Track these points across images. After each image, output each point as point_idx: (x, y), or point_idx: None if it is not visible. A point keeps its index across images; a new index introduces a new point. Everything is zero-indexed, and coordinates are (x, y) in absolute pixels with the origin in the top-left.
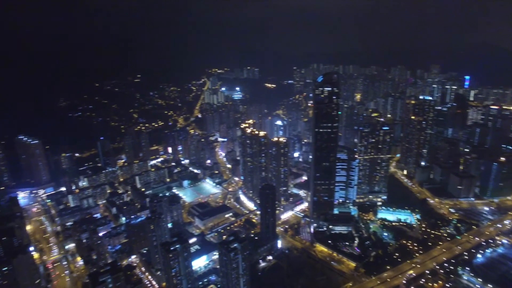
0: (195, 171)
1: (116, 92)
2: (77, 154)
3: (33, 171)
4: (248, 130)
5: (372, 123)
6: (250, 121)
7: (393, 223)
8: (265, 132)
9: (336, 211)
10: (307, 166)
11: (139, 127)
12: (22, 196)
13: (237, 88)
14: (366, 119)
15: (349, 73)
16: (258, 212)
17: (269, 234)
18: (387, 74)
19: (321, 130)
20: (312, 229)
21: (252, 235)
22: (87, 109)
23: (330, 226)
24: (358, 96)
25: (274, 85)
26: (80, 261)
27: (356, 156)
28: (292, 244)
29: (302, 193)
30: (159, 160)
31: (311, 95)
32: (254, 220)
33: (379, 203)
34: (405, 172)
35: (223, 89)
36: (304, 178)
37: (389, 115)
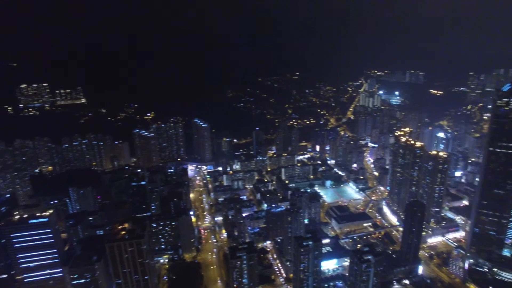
0: (340, 173)
1: (275, 87)
2: (235, 140)
3: (200, 149)
4: (403, 139)
5: None
6: (407, 129)
7: None
8: (422, 143)
9: (507, 253)
10: (471, 189)
11: (291, 122)
12: (190, 169)
13: (396, 93)
14: None
15: None
16: (401, 229)
17: (410, 256)
18: None
19: (498, 149)
20: (466, 265)
21: (390, 252)
22: (248, 101)
23: (495, 269)
24: None
25: (441, 92)
26: (224, 233)
27: None
28: (437, 275)
29: (459, 219)
30: (306, 156)
31: (489, 106)
32: (394, 236)
33: None
34: None
35: (381, 92)
36: (465, 202)
37: None
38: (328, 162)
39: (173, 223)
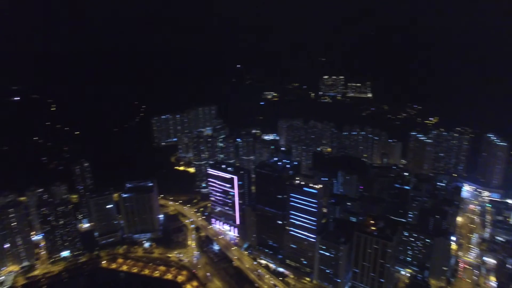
0: None
1: None
2: None
3: (487, 171)
4: None
5: None
6: None
7: None
8: None
9: None
10: None
11: None
12: (466, 189)
13: None
14: None
15: None
16: None
17: None
18: None
19: None
20: None
21: None
22: None
23: None
24: None
25: None
26: (493, 282)
27: None
28: None
29: None
30: None
31: None
32: None
33: None
34: None
35: None
36: None
37: None
38: None
39: (427, 240)
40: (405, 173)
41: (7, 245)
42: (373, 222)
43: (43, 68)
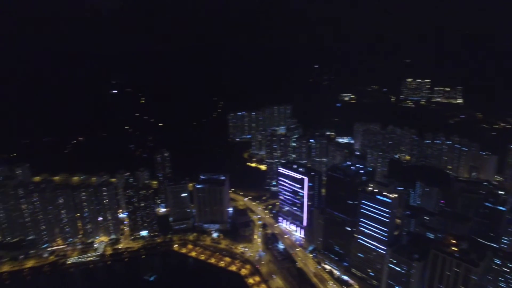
0: None
1: None
2: None
3: None
4: None
5: None
6: None
7: None
8: None
9: None
10: None
11: None
12: None
13: None
14: None
15: None
16: None
17: None
18: None
19: None
20: None
21: None
22: None
23: None
24: None
25: None
26: None
27: None
28: None
29: None
30: None
31: None
32: None
33: None
34: None
35: None
36: None
37: None
38: None
39: None
40: (499, 192)
41: (100, 218)
42: (454, 241)
43: (135, 64)
